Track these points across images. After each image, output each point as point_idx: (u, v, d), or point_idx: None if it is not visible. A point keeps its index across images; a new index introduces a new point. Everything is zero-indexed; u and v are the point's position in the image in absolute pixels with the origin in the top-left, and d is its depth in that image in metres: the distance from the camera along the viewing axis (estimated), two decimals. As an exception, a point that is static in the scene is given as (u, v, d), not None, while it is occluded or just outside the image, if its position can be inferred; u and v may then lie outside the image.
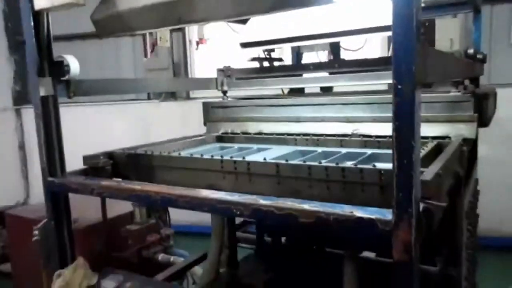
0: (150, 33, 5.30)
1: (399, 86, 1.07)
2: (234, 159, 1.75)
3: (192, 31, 5.67)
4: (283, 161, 1.66)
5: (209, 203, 1.43)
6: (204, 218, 5.84)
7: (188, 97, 5.90)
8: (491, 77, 4.41)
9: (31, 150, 6.52)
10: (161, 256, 3.37)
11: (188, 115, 5.55)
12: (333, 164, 1.56)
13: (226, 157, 1.79)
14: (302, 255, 2.23)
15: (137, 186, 1.62)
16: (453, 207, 1.83)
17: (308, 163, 1.61)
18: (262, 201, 1.35)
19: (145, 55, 5.97)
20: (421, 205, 1.14)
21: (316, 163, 1.59)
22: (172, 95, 5.89)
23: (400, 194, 1.10)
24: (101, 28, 1.75)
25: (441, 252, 2.19)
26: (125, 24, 1.65)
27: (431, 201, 1.15)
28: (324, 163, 1.62)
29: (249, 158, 1.79)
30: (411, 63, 1.04)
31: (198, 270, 3.16)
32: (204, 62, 5.70)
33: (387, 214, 1.15)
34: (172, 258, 3.32)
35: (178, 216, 3.59)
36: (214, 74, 3.03)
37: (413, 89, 1.06)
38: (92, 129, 5.71)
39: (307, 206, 1.28)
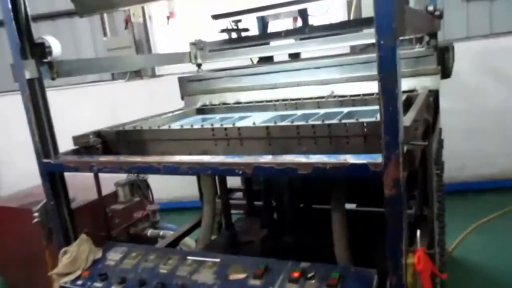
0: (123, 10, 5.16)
1: (382, 42, 1.20)
2: (225, 126, 1.85)
3: (155, 6, 5.55)
4: (272, 124, 1.78)
5: (212, 166, 1.53)
6: (182, 194, 5.91)
7: (154, 75, 5.83)
8: (445, 32, 4.66)
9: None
10: (150, 232, 3.46)
11: (156, 93, 5.53)
12: (320, 122, 1.70)
13: (217, 125, 1.88)
14: (290, 213, 2.39)
15: (137, 158, 1.70)
16: (423, 153, 2.02)
17: (296, 123, 1.73)
18: (262, 159, 1.47)
19: (105, 34, 5.81)
20: (405, 147, 1.30)
21: (303, 122, 1.72)
22: (137, 74, 5.80)
23: (388, 138, 1.25)
24: (81, 6, 1.76)
25: (414, 196, 2.41)
26: (108, 1, 1.67)
27: (413, 142, 1.31)
28: (309, 122, 1.75)
29: (237, 124, 1.89)
30: (392, 20, 1.17)
31: (189, 241, 3.29)
32: (175, 36, 5.61)
33: (377, 158, 1.30)
34: (161, 232, 3.42)
35: (156, 194, 3.68)
36: (186, 49, 3.06)
37: (394, 43, 1.19)
38: (57, 115, 5.56)
39: (304, 159, 1.41)
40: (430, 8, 2.37)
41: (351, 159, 1.34)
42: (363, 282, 1.52)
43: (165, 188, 4.97)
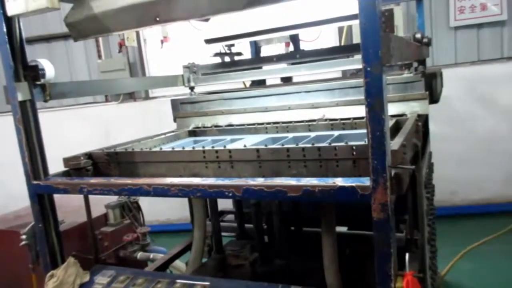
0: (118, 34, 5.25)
1: (368, 68, 1.23)
2: (216, 148, 1.86)
3: (149, 30, 5.65)
4: (262, 146, 1.79)
5: (201, 188, 1.54)
6: (172, 216, 5.87)
7: (147, 97, 5.87)
8: (434, 59, 4.78)
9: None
10: (139, 255, 3.42)
11: (148, 114, 5.55)
12: (310, 145, 1.72)
13: (208, 147, 1.89)
14: (281, 236, 2.38)
15: (127, 180, 1.70)
16: (413, 177, 2.05)
17: (286, 146, 1.75)
18: (252, 182, 1.48)
19: (99, 57, 5.87)
20: (393, 171, 1.32)
21: (293, 145, 1.74)
22: (130, 96, 5.84)
23: (375, 162, 1.27)
24: (75, 31, 1.79)
25: (405, 220, 2.42)
26: (101, 25, 1.70)
27: (401, 165, 1.33)
28: (300, 145, 1.77)
29: (228, 147, 1.91)
30: (378, 48, 1.21)
31: (179, 263, 3.25)
32: (169, 60, 5.69)
33: (365, 181, 1.32)
34: (151, 255, 3.38)
35: (146, 217, 3.67)
36: (179, 71, 3.10)
37: (380, 70, 1.22)
38: (51, 136, 5.54)
39: (294, 181, 1.42)
40: (418, 35, 2.44)
41: (340, 182, 1.36)
42: (353, 306, 1.51)
43: (155, 210, 4.95)
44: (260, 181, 1.48)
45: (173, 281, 1.83)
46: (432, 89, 2.35)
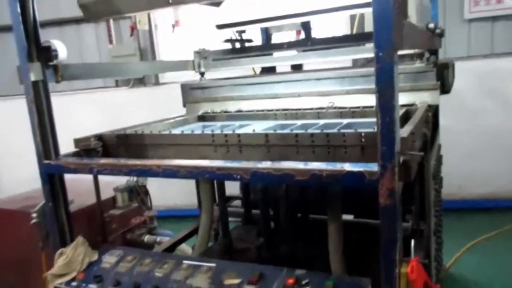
0: (129, 17, 5.23)
1: (380, 54, 1.23)
2: (225, 132, 1.87)
3: (161, 15, 5.64)
4: (271, 131, 1.80)
5: (210, 170, 1.55)
6: (179, 202, 5.92)
7: (157, 83, 5.88)
8: (446, 50, 4.72)
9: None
10: (146, 238, 3.46)
11: (158, 100, 5.57)
12: (318, 131, 1.72)
13: (217, 131, 1.91)
14: (287, 222, 2.40)
15: (137, 161, 1.72)
16: (421, 168, 2.04)
17: (295, 131, 1.76)
18: (260, 165, 1.49)
19: (110, 42, 5.88)
20: (401, 157, 1.32)
21: (302, 131, 1.75)
22: (140, 81, 5.86)
23: (384, 148, 1.27)
24: (88, 12, 1.80)
25: (411, 211, 2.42)
26: (114, 7, 1.71)
27: (409, 152, 1.33)
28: (309, 131, 1.77)
29: (237, 132, 1.92)
30: (390, 33, 1.20)
31: (185, 247, 3.29)
32: (179, 46, 5.69)
33: (373, 167, 1.32)
34: (158, 239, 3.43)
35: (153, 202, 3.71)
36: (190, 57, 3.10)
37: (392, 55, 1.22)
38: (60, 120, 5.58)
39: (301, 165, 1.43)
40: (431, 25, 2.41)
41: (347, 167, 1.36)
42: (357, 291, 1.52)
43: (162, 195, 4.99)
44: (268, 164, 1.49)
45: (180, 262, 1.86)
46: (443, 79, 2.33)
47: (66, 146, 2.04)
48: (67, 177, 2.01)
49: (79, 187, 3.31)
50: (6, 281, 3.49)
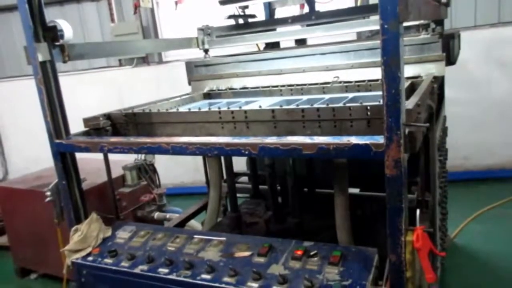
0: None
1: (386, 26, 1.23)
2: (232, 109, 1.89)
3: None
4: (278, 107, 1.82)
5: (218, 147, 1.58)
6: (187, 179, 5.98)
7: (160, 61, 5.87)
8: (452, 20, 4.64)
9: (4, 127, 6.38)
10: (156, 215, 3.55)
11: (162, 79, 5.57)
12: (324, 105, 1.73)
13: (224, 108, 1.93)
14: (295, 196, 2.44)
15: (147, 139, 1.75)
16: (426, 138, 2.06)
17: (301, 106, 1.77)
18: (267, 140, 1.52)
19: (112, 20, 5.83)
20: (407, 129, 1.34)
21: (308, 106, 1.76)
22: (144, 60, 5.84)
23: (390, 120, 1.28)
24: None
25: (416, 183, 2.45)
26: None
27: (415, 123, 1.35)
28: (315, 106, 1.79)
29: (243, 108, 1.94)
30: (395, 4, 1.20)
31: (194, 223, 3.36)
32: (182, 24, 5.63)
33: (379, 139, 1.34)
34: (168, 215, 3.51)
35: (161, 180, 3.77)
36: (193, 34, 3.09)
37: (397, 27, 1.22)
38: (66, 101, 5.61)
39: (308, 140, 1.45)
40: (437, -5, 2.38)
41: (354, 140, 1.39)
42: (364, 260, 1.57)
43: (170, 173, 5.06)
44: (275, 139, 1.51)
45: (191, 237, 1.92)
46: (449, 50, 2.31)
47: (73, 126, 2.07)
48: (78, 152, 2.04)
49: (87, 166, 3.38)
50: (26, 257, 3.61)
